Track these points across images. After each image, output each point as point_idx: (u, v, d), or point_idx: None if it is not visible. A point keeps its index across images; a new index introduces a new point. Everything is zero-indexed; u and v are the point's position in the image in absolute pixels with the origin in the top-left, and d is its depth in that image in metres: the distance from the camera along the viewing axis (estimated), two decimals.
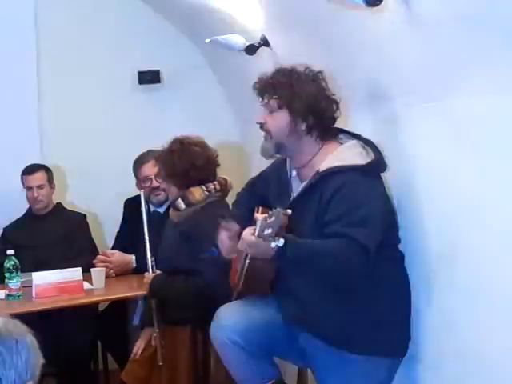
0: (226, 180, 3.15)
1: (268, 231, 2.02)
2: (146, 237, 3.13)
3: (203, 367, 2.98)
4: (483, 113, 1.96)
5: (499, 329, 1.98)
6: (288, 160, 2.53)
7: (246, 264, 2.46)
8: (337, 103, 2.41)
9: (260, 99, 2.44)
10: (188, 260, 3.00)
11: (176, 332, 3.08)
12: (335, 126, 2.46)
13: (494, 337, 2.00)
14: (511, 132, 1.87)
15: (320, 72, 2.41)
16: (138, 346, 3.19)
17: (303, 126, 2.36)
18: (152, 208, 3.78)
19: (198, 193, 3.07)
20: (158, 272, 3.11)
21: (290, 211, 2.06)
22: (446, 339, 2.24)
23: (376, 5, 2.10)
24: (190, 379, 3.06)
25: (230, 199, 3.10)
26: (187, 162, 3.06)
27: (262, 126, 2.44)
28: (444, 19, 1.95)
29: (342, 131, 2.47)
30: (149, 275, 3.10)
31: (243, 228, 2.34)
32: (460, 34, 1.91)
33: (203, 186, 3.08)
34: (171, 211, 3.22)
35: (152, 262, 3.13)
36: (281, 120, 2.39)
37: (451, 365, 2.23)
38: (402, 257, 2.43)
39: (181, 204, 3.10)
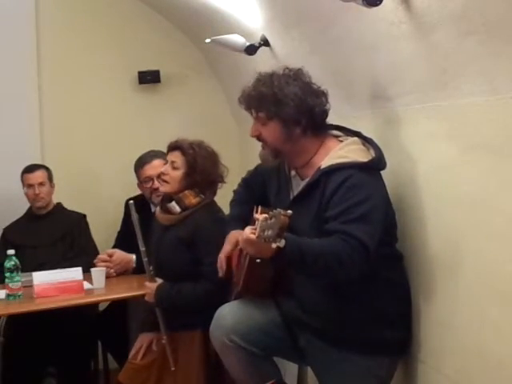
0: None
1: (268, 232, 2.01)
2: (142, 247, 3.05)
3: (216, 369, 2.91)
4: (483, 112, 1.96)
5: (500, 328, 1.98)
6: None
7: (246, 264, 2.46)
8: (325, 94, 2.39)
9: (249, 113, 2.43)
10: (192, 265, 2.97)
11: (185, 336, 3.03)
12: (332, 123, 2.45)
13: (494, 336, 2.00)
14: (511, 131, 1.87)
15: (300, 69, 2.40)
16: (138, 350, 3.14)
17: (298, 129, 2.35)
18: (153, 208, 3.78)
19: (192, 196, 3.04)
20: (159, 280, 3.05)
21: (290, 212, 2.04)
22: (447, 339, 2.24)
23: (376, 5, 2.11)
24: (204, 383, 3.00)
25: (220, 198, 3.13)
26: (219, 175, 3.08)
27: (257, 137, 2.44)
28: (444, 19, 1.95)
29: (341, 128, 2.46)
30: (151, 285, 3.04)
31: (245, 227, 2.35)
32: (460, 33, 1.91)
33: (196, 189, 3.05)
34: (160, 213, 3.13)
35: (151, 270, 3.07)
36: (274, 130, 2.37)
37: (451, 364, 2.23)
38: (400, 256, 2.43)
39: (176, 208, 3.05)
